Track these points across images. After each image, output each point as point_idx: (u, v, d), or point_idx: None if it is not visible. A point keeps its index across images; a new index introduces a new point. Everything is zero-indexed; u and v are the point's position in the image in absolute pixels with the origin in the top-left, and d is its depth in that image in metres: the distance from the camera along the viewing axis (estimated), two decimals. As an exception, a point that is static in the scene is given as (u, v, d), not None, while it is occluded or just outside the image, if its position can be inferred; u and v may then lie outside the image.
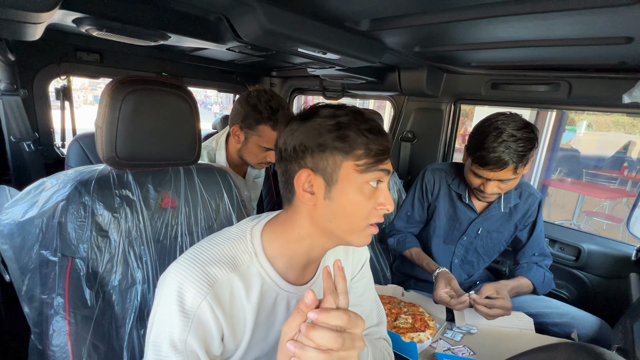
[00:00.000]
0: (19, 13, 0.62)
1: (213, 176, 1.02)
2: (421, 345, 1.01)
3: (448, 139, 1.91)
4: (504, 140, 1.04)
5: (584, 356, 0.52)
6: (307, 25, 0.96)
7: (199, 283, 0.54)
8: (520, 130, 1.05)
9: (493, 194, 1.17)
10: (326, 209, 0.58)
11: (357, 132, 0.56)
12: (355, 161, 0.56)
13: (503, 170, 1.08)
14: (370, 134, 0.56)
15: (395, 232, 1.47)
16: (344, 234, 0.60)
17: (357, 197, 0.57)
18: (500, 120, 1.07)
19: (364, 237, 0.61)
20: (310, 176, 0.57)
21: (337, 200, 0.57)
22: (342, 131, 0.55)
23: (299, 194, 0.58)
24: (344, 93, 2.17)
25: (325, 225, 0.59)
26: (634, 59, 1.08)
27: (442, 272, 1.19)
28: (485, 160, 1.08)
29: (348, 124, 0.56)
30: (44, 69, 1.55)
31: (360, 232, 0.60)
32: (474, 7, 0.80)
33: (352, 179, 0.56)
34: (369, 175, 0.57)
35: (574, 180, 5.68)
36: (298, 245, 0.62)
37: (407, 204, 1.45)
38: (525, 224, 1.33)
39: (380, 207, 0.59)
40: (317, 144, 0.56)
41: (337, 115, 0.57)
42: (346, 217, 0.58)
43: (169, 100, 0.86)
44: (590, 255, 1.47)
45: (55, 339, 0.72)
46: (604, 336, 1.13)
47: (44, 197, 0.78)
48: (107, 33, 0.92)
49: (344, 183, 0.56)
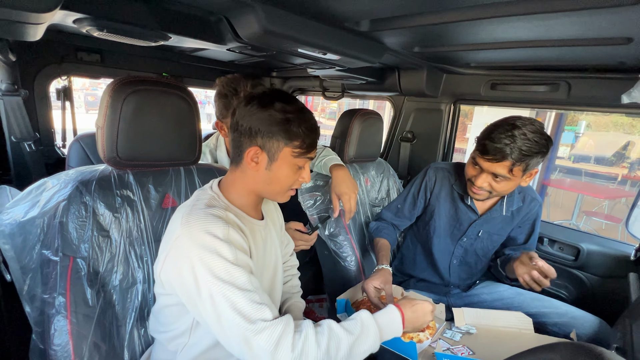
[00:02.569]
0: (20, 14, 0.62)
1: (213, 176, 1.03)
2: (420, 345, 1.02)
3: (448, 139, 1.91)
4: (512, 135, 1.04)
5: (583, 356, 0.53)
6: (307, 25, 0.97)
7: (216, 221, 0.70)
8: (534, 134, 1.05)
9: (482, 189, 1.16)
10: (265, 176, 0.78)
11: (298, 128, 0.75)
12: (292, 148, 0.76)
13: (499, 164, 1.08)
14: (307, 131, 0.76)
15: (381, 220, 1.50)
16: (274, 194, 0.82)
17: (288, 172, 0.79)
18: (520, 120, 1.07)
19: (285, 197, 0.84)
20: (257, 152, 0.76)
21: (274, 172, 0.78)
22: (288, 125, 0.74)
23: (246, 162, 0.77)
24: (344, 93, 2.17)
25: (263, 186, 0.80)
26: (634, 60, 1.08)
27: (383, 269, 1.18)
28: (486, 148, 1.08)
29: (293, 120, 0.74)
30: (44, 70, 1.56)
31: (284, 194, 0.83)
32: (473, 7, 0.80)
33: (288, 160, 0.77)
34: (300, 160, 0.78)
35: (573, 180, 5.69)
36: (247, 195, 0.82)
37: (400, 198, 1.47)
38: (521, 225, 1.34)
39: (300, 179, 0.82)
40: (268, 130, 0.74)
41: (287, 111, 0.74)
42: (278, 183, 0.80)
43: (170, 101, 0.87)
44: (590, 255, 1.47)
45: (56, 338, 0.72)
46: (603, 336, 1.13)
47: (45, 197, 0.78)
48: (108, 33, 0.92)
49: (281, 161, 0.77)
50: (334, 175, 1.32)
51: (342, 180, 1.30)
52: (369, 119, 1.54)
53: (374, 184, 1.69)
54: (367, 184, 1.65)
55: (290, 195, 0.85)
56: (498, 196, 1.24)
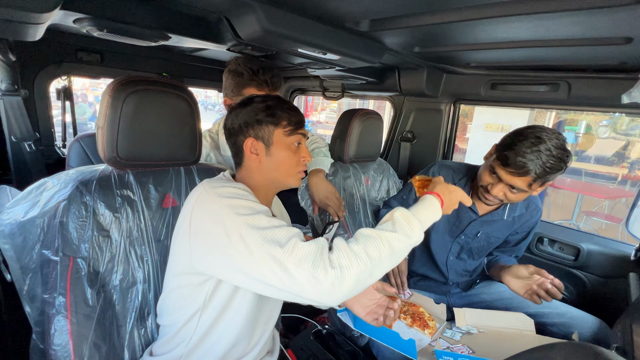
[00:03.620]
0: (20, 13, 0.62)
1: (213, 176, 1.03)
2: (420, 344, 1.02)
3: (447, 139, 1.91)
4: (538, 150, 1.01)
5: (583, 355, 0.53)
6: (307, 25, 0.97)
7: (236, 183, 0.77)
8: (558, 149, 1.02)
9: (496, 199, 1.15)
10: (269, 163, 0.82)
11: (281, 110, 0.81)
12: (282, 129, 0.81)
13: (520, 178, 1.05)
14: (290, 110, 0.82)
15: (390, 208, 1.54)
16: (284, 177, 0.84)
17: (287, 152, 0.82)
18: (546, 132, 1.04)
19: (297, 179, 0.86)
20: (254, 142, 0.80)
21: (275, 156, 0.81)
22: (271, 110, 0.80)
23: (247, 155, 0.81)
24: (344, 93, 2.17)
25: (271, 174, 0.83)
26: (634, 59, 1.08)
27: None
28: (509, 160, 1.04)
29: (275, 105, 0.81)
30: (44, 69, 1.56)
31: (294, 176, 0.85)
32: (473, 7, 0.80)
33: (282, 140, 0.81)
34: (293, 137, 0.82)
35: (573, 180, 5.68)
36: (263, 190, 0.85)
37: (405, 189, 1.52)
38: (518, 231, 1.34)
39: (302, 159, 0.85)
40: (256, 120, 0.80)
41: (267, 100, 0.82)
42: (283, 165, 0.83)
43: (170, 101, 0.87)
44: (590, 255, 1.47)
45: (56, 338, 0.72)
46: (603, 336, 1.13)
47: (46, 197, 0.78)
48: (108, 33, 0.92)
49: (277, 144, 0.81)
50: (310, 183, 1.40)
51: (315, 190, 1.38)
52: (369, 119, 1.55)
53: (374, 184, 1.70)
54: (367, 183, 1.65)
55: (300, 177, 0.87)
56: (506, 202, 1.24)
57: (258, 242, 0.64)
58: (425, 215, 0.80)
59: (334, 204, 1.36)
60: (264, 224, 0.66)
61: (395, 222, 0.74)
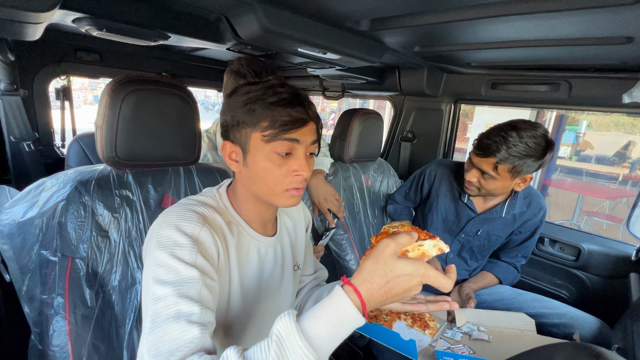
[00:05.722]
0: (19, 13, 0.62)
1: (213, 176, 1.02)
2: (420, 344, 1.02)
3: (448, 139, 1.91)
4: (506, 135, 1.05)
5: (583, 356, 0.52)
6: (307, 25, 0.96)
7: (193, 218, 0.60)
8: (530, 138, 1.04)
9: (471, 184, 1.20)
10: (247, 174, 0.66)
11: (262, 106, 0.61)
12: (261, 132, 0.62)
13: (484, 159, 1.11)
14: (277, 107, 0.61)
15: (394, 202, 1.61)
16: (266, 196, 0.67)
17: (265, 164, 0.63)
18: (523, 123, 1.08)
19: (284, 199, 0.66)
20: (232, 147, 0.66)
21: (251, 167, 0.64)
22: (250, 105, 0.61)
23: (227, 161, 0.67)
24: (344, 93, 2.17)
25: (250, 187, 0.67)
26: (634, 59, 1.07)
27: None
28: (478, 143, 1.13)
29: (256, 99, 0.61)
30: (44, 69, 1.56)
31: (278, 195, 0.66)
32: (474, 7, 0.80)
33: (260, 148, 0.63)
34: (274, 144, 0.62)
35: (574, 180, 5.68)
36: (251, 204, 0.70)
37: (407, 183, 1.56)
38: (522, 230, 1.34)
39: (294, 173, 0.64)
40: (233, 119, 0.64)
41: (250, 92, 0.62)
42: (262, 181, 0.65)
43: (169, 100, 0.86)
44: (590, 255, 1.47)
45: (55, 339, 0.72)
46: (603, 336, 1.13)
47: (44, 197, 0.78)
48: (107, 33, 0.92)
49: (254, 152, 0.63)
50: (309, 184, 1.39)
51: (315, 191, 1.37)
52: (369, 118, 1.54)
53: (374, 184, 1.69)
54: (367, 184, 1.65)
55: (291, 197, 0.66)
56: (489, 195, 1.24)
57: (149, 299, 0.53)
58: (325, 336, 0.46)
59: (334, 205, 1.36)
60: (165, 292, 0.52)
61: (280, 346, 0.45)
